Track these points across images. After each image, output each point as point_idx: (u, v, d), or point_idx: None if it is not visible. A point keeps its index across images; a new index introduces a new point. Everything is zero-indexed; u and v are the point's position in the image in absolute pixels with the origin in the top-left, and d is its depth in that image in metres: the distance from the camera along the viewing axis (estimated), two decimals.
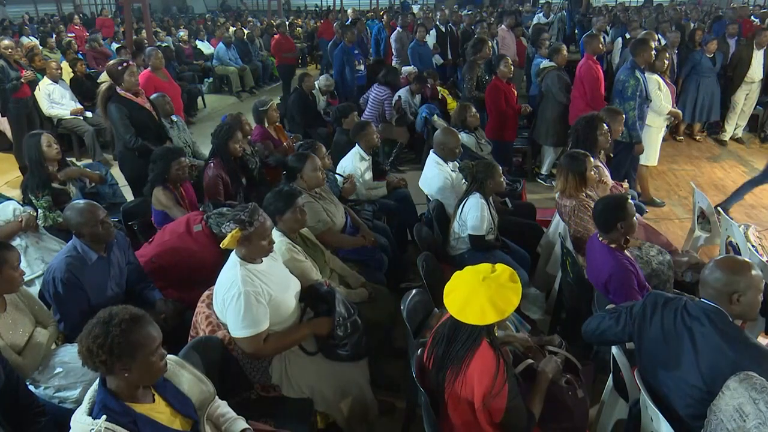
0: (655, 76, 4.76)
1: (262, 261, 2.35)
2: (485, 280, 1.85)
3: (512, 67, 5.31)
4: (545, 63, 5.73)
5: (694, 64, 6.67)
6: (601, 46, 5.28)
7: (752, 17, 10.58)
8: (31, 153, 3.52)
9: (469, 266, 1.95)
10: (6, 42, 6.35)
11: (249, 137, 4.39)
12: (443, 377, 1.94)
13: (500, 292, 1.82)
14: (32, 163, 3.54)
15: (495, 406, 1.84)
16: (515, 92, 5.33)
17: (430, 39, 8.20)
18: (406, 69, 7.03)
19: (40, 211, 3.40)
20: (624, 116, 4.15)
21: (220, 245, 2.25)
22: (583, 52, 6.44)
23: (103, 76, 7.19)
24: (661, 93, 4.78)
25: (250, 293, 2.19)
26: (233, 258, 2.31)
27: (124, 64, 3.99)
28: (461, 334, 1.90)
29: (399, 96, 6.36)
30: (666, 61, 4.94)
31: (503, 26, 8.13)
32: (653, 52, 4.56)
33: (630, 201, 2.65)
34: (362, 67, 7.08)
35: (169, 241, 3.01)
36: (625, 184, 4.65)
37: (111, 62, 4.14)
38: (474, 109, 4.68)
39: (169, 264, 2.95)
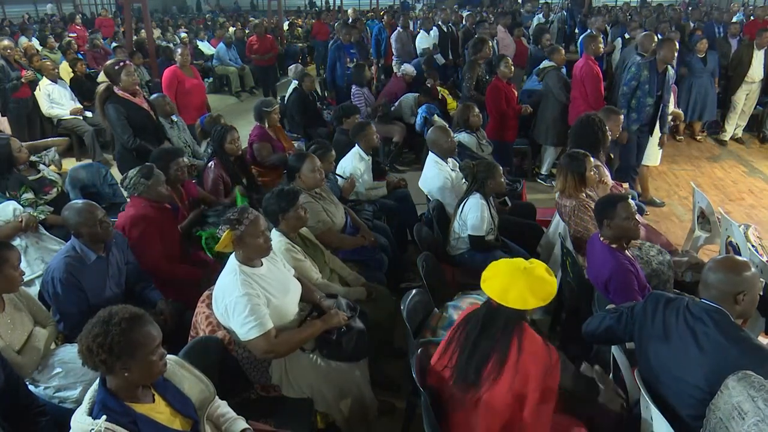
0: None
1: (261, 264, 2.34)
2: (525, 270, 1.90)
3: (512, 67, 5.30)
4: (545, 63, 5.73)
5: (686, 64, 6.68)
6: (600, 47, 5.26)
7: (752, 17, 10.59)
8: (2, 160, 3.49)
9: (506, 259, 1.99)
10: (5, 42, 6.37)
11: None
12: (477, 370, 1.90)
13: (538, 283, 1.88)
14: (1, 167, 3.50)
15: (551, 384, 1.86)
16: (516, 92, 5.32)
17: (430, 39, 8.20)
18: (404, 68, 7.04)
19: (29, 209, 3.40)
20: (622, 117, 4.17)
21: (215, 248, 2.26)
22: (582, 53, 6.47)
23: (102, 76, 7.21)
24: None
25: (251, 294, 2.19)
26: (232, 262, 2.30)
27: (121, 64, 3.99)
28: (498, 320, 1.91)
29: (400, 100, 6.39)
30: None
31: (500, 27, 8.13)
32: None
33: (630, 204, 2.62)
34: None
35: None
36: (625, 185, 4.65)
37: (108, 62, 4.14)
38: (477, 109, 4.68)
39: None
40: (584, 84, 5.04)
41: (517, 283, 1.87)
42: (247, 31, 11.57)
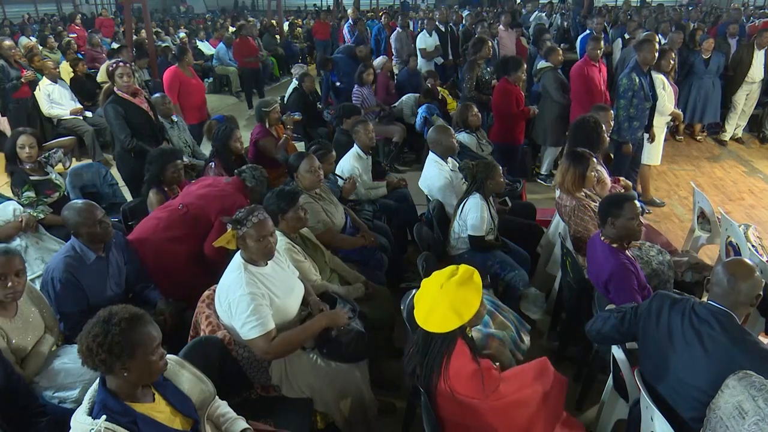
0: (661, 76, 4.76)
1: (266, 264, 2.34)
2: (443, 288, 1.88)
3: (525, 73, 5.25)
4: (542, 63, 5.74)
5: (690, 65, 6.67)
6: (598, 51, 5.20)
7: (752, 18, 10.58)
8: (7, 150, 3.52)
9: (435, 272, 1.98)
10: (7, 42, 6.36)
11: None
12: (427, 382, 1.97)
13: (458, 296, 1.86)
14: (8, 160, 3.53)
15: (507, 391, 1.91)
16: (523, 94, 5.29)
17: (430, 41, 8.20)
18: (377, 62, 7.03)
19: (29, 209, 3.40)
20: (612, 113, 4.20)
21: (212, 244, 2.26)
22: (581, 54, 6.48)
23: (102, 76, 7.21)
24: (665, 93, 4.79)
25: (255, 294, 2.19)
26: (237, 260, 2.30)
27: (114, 65, 3.99)
28: (434, 343, 1.93)
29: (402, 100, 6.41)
30: (672, 62, 4.94)
31: (500, 25, 8.12)
32: (656, 53, 4.56)
33: (636, 204, 2.62)
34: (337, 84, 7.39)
35: (196, 189, 3.10)
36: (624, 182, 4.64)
37: (108, 62, 4.14)
38: (476, 109, 4.67)
39: (197, 210, 2.98)
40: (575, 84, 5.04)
41: (438, 305, 1.87)
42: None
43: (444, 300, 1.86)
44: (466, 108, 4.65)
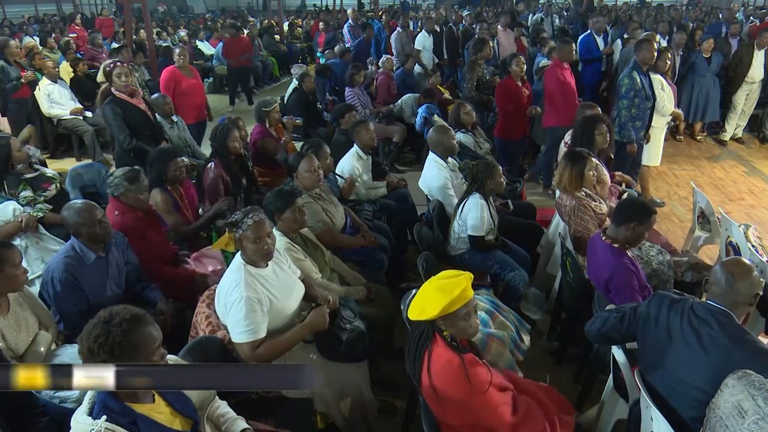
0: (658, 77, 4.76)
1: (267, 265, 2.33)
2: (432, 281, 1.96)
3: (524, 66, 5.25)
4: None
5: (691, 64, 6.68)
6: (573, 53, 5.14)
7: (751, 18, 10.57)
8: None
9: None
10: (13, 42, 6.39)
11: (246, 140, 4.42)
12: (415, 377, 2.01)
13: (446, 281, 1.91)
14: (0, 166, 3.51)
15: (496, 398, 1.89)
16: (527, 92, 5.29)
17: (431, 41, 8.20)
18: (380, 62, 7.03)
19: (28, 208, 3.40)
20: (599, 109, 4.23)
21: (211, 247, 2.26)
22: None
23: (101, 76, 7.21)
24: (663, 93, 4.79)
25: (252, 299, 2.18)
26: (237, 260, 2.30)
27: (111, 65, 3.98)
28: (419, 339, 1.99)
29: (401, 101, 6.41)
30: (668, 62, 4.94)
31: (499, 26, 8.12)
32: (655, 52, 4.56)
33: (655, 217, 2.63)
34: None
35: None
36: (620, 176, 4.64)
37: (105, 63, 4.14)
38: (468, 107, 4.68)
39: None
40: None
41: (426, 292, 1.93)
42: (246, 31, 11.57)
43: (432, 286, 1.92)
44: (458, 107, 4.68)
